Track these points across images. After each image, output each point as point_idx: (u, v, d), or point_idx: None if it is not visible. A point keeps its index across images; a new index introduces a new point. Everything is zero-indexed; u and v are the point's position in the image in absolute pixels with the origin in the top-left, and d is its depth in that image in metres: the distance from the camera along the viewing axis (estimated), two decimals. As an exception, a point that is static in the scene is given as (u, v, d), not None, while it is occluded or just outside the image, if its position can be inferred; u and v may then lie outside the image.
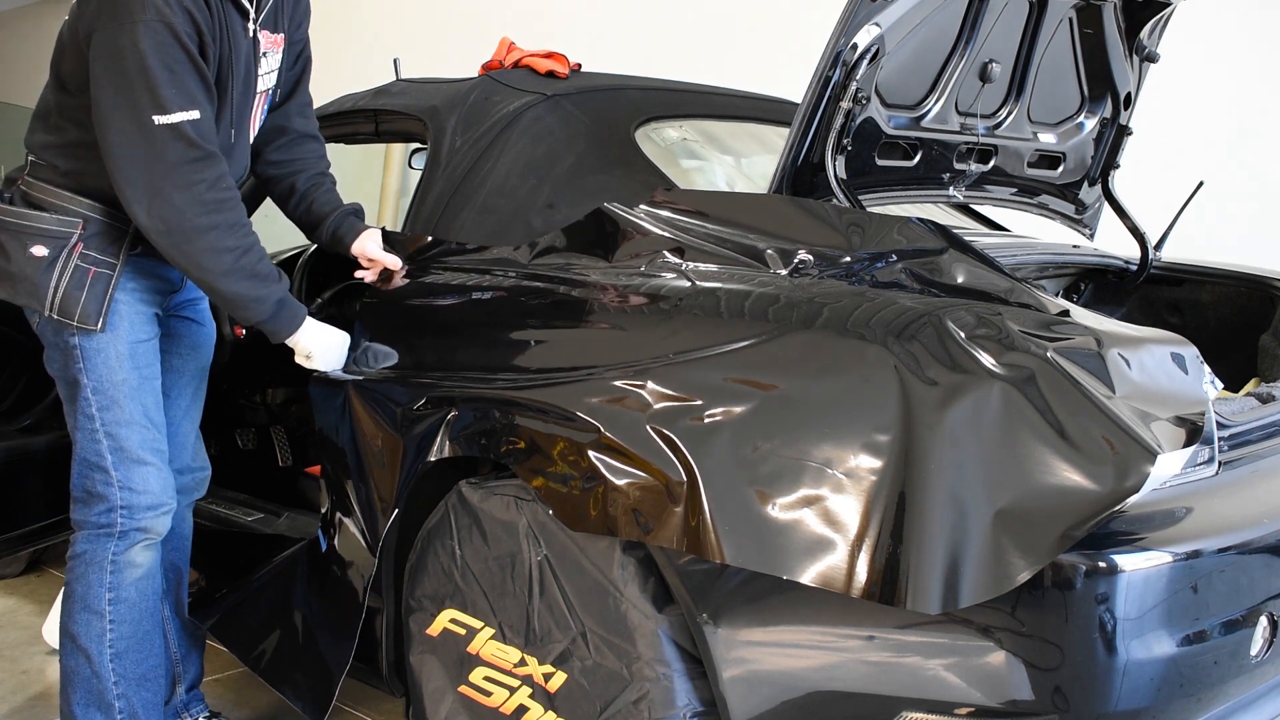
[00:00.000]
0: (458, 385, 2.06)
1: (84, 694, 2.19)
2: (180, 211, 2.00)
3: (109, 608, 2.18)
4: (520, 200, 2.28)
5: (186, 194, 1.99)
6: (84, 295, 2.10)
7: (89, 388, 2.13)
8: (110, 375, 2.14)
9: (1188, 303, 2.79)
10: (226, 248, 2.05)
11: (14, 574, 3.54)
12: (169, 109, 1.95)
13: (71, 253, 2.10)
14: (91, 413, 2.14)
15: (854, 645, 1.67)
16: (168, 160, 1.97)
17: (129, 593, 2.20)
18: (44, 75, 2.18)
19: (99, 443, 2.14)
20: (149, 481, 2.18)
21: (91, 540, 2.18)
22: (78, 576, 2.19)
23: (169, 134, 1.96)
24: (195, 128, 1.98)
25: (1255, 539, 1.69)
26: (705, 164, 2.66)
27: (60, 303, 2.10)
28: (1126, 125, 2.73)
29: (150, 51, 1.92)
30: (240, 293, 2.09)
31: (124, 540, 2.17)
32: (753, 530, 1.61)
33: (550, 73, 2.53)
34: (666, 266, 1.96)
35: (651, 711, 1.81)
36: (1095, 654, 1.52)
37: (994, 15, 2.30)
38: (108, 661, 2.19)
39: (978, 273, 1.83)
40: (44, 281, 2.09)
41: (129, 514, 2.16)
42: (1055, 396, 1.55)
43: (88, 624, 2.18)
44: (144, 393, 2.18)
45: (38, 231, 2.11)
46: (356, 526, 2.21)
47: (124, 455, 2.15)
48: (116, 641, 2.20)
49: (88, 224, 2.11)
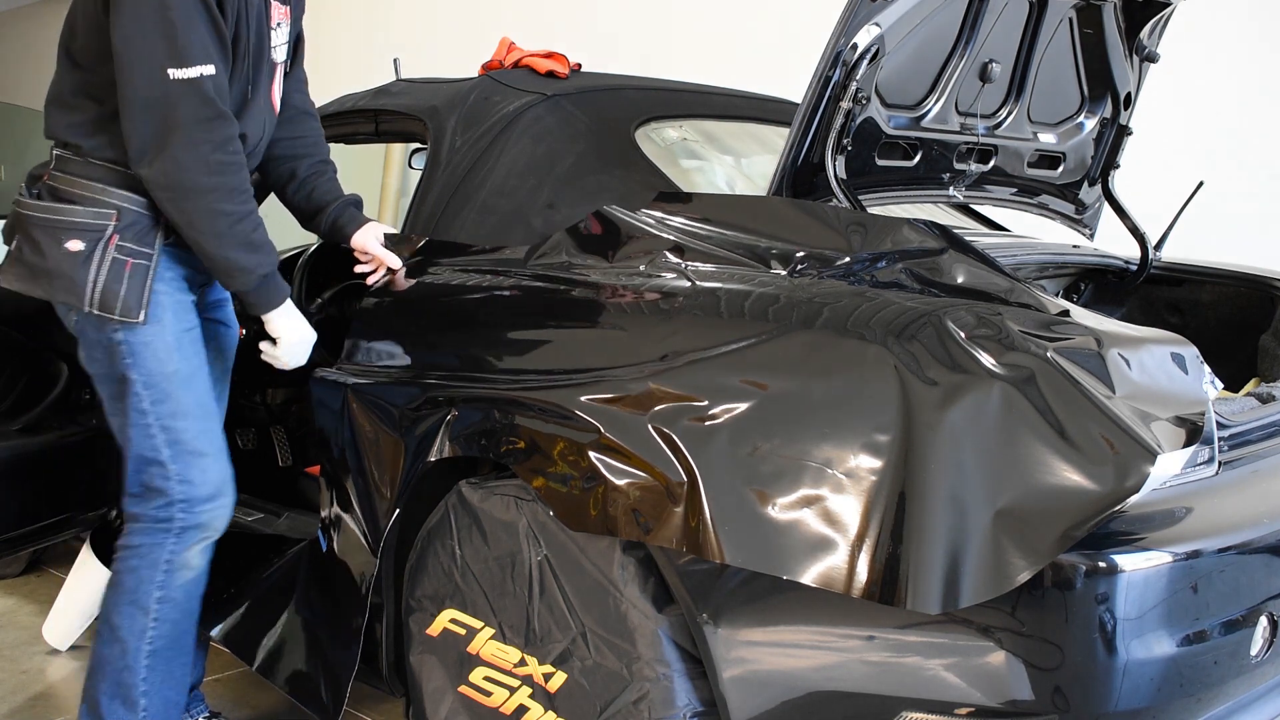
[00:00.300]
0: (458, 385, 2.06)
1: (112, 685, 2.17)
2: (183, 168, 1.98)
3: (155, 606, 2.16)
4: (520, 200, 2.28)
5: (192, 152, 1.97)
6: (123, 288, 2.06)
7: (139, 382, 2.10)
8: (160, 368, 2.11)
9: (1188, 303, 2.79)
10: (223, 211, 2.02)
11: (14, 574, 3.54)
12: (186, 63, 1.93)
13: (107, 245, 2.06)
14: (144, 407, 2.10)
15: (854, 645, 1.67)
16: (179, 115, 1.95)
17: (177, 594, 2.18)
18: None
19: (153, 437, 2.11)
20: (207, 473, 2.15)
21: (148, 534, 2.14)
22: (130, 569, 2.15)
23: (184, 88, 1.94)
24: (213, 83, 1.97)
25: (1255, 539, 1.69)
26: (705, 164, 2.66)
27: (100, 297, 2.06)
28: (1126, 125, 2.73)
29: (170, 5, 1.91)
30: (230, 258, 2.07)
31: (181, 540, 2.14)
32: (753, 530, 1.61)
33: (550, 73, 2.53)
34: (667, 266, 1.96)
35: (651, 711, 1.81)
36: (1095, 654, 1.52)
37: (994, 15, 2.30)
38: (143, 658, 2.17)
39: (978, 273, 1.83)
40: (81, 276, 2.05)
41: (187, 507, 2.13)
42: (1055, 396, 1.55)
43: (131, 618, 2.16)
44: (195, 382, 2.16)
45: (71, 225, 2.07)
46: (357, 527, 2.21)
47: (181, 448, 2.12)
48: (156, 639, 2.17)
49: (122, 215, 2.08)
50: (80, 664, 3.00)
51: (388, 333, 2.27)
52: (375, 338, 2.27)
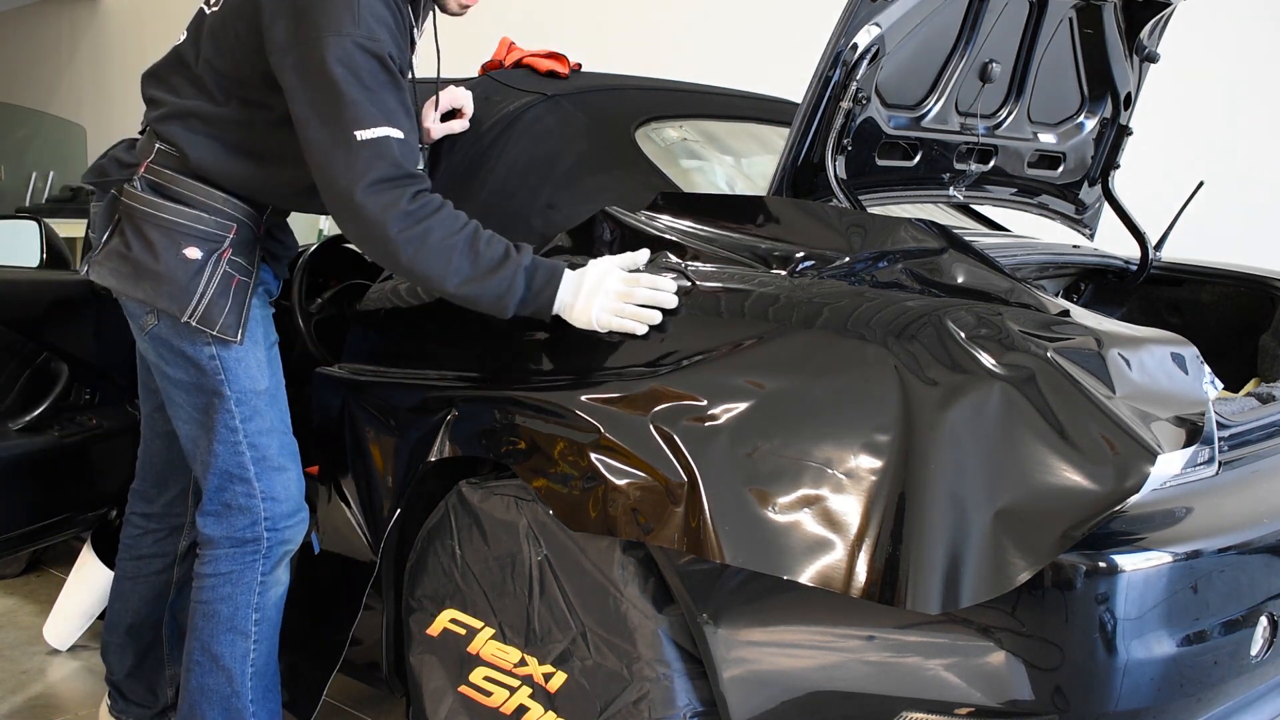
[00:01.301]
0: (458, 385, 2.06)
1: (222, 713, 2.12)
2: (378, 226, 1.85)
3: (254, 629, 2.13)
4: (520, 200, 2.28)
5: (384, 214, 1.84)
6: (228, 305, 2.01)
7: (232, 399, 2.05)
8: (254, 385, 2.07)
9: (1188, 303, 2.79)
10: (432, 251, 1.87)
11: (14, 574, 3.54)
12: (370, 124, 1.83)
13: (221, 258, 2.01)
14: (235, 424, 2.06)
15: (854, 645, 1.67)
16: (368, 177, 1.83)
17: (271, 612, 2.15)
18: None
19: (242, 454, 2.07)
20: (290, 488, 2.12)
21: (237, 559, 2.10)
22: (224, 597, 2.10)
23: (370, 150, 1.83)
24: (400, 146, 1.86)
25: (1255, 539, 1.69)
26: (705, 164, 2.66)
27: (205, 311, 1.99)
28: (1126, 125, 2.73)
29: (360, 65, 1.83)
30: (473, 297, 1.90)
31: (269, 558, 2.11)
32: (753, 530, 1.61)
33: (550, 73, 2.52)
34: (667, 267, 1.96)
35: (651, 711, 1.81)
36: (1095, 654, 1.52)
37: (994, 15, 2.30)
38: (248, 680, 2.13)
39: (978, 273, 1.83)
40: (192, 286, 1.98)
41: (272, 524, 2.10)
42: (1055, 396, 1.55)
43: (233, 644, 2.11)
44: (279, 398, 2.13)
45: (194, 232, 2.00)
46: (356, 526, 2.21)
47: (266, 464, 2.09)
48: (258, 660, 2.14)
49: (239, 229, 2.03)
50: (80, 664, 3.00)
51: (388, 333, 2.27)
52: (375, 338, 2.27)
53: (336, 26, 1.83)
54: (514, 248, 1.91)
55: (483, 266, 1.88)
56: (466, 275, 1.87)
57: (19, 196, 8.57)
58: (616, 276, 1.88)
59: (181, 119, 2.03)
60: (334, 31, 1.83)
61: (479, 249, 1.88)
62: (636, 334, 1.85)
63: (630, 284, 1.87)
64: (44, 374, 2.87)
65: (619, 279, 1.88)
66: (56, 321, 2.85)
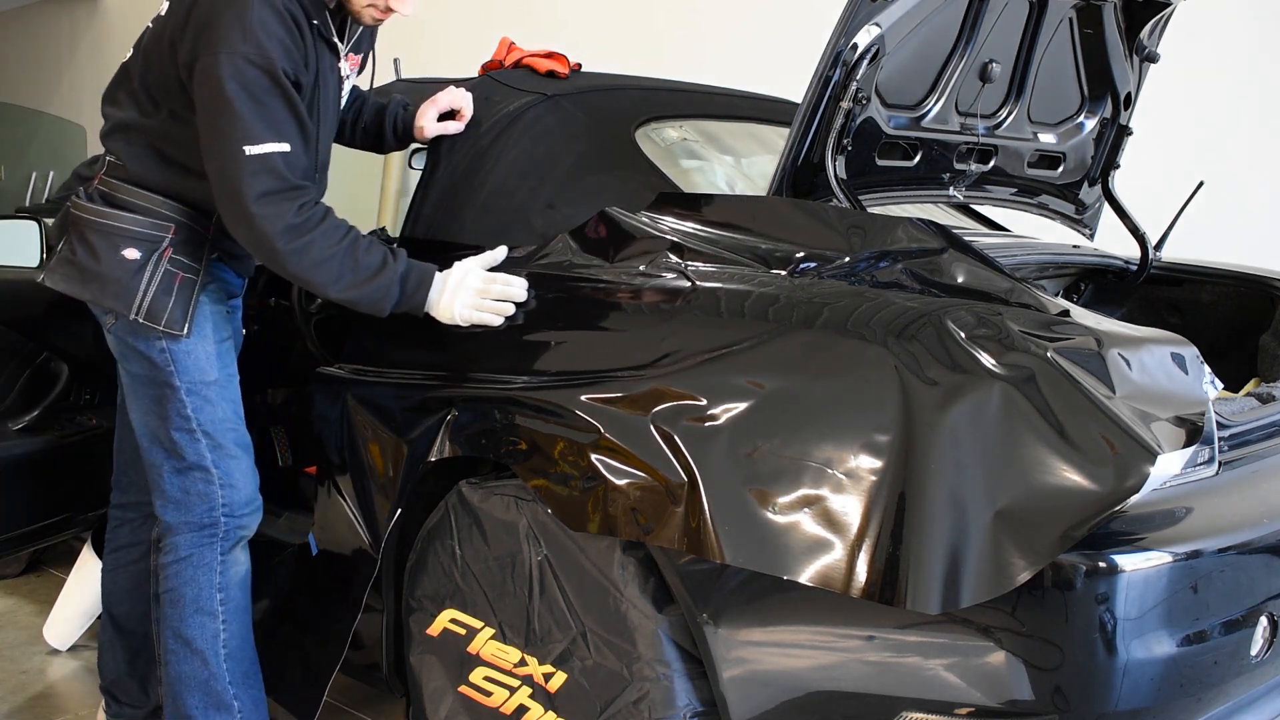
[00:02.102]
0: (458, 385, 2.06)
1: (202, 697, 2.20)
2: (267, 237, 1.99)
3: (221, 608, 2.20)
4: (520, 200, 2.28)
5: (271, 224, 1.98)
6: (171, 300, 2.11)
7: (183, 389, 2.14)
8: (203, 376, 2.16)
9: (1188, 303, 2.79)
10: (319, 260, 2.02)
11: (14, 574, 3.54)
12: (258, 139, 1.95)
13: (161, 257, 2.11)
14: (188, 414, 2.15)
15: (854, 645, 1.67)
16: (255, 188, 1.96)
17: (235, 591, 2.22)
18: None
19: (198, 441, 2.16)
20: (246, 476, 2.22)
21: (197, 543, 2.18)
22: (187, 580, 2.19)
23: (257, 164, 1.96)
24: (284, 159, 1.98)
25: (1255, 539, 1.69)
26: (705, 164, 2.66)
27: (149, 307, 2.10)
28: (1126, 125, 2.73)
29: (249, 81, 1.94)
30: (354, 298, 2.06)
31: (227, 540, 2.20)
32: (753, 530, 1.61)
33: (550, 73, 2.53)
34: (667, 267, 1.96)
35: (651, 711, 1.81)
36: (1095, 654, 1.52)
37: (994, 15, 2.30)
38: (222, 662, 2.20)
39: (978, 273, 1.83)
40: (134, 285, 2.09)
41: (230, 510, 2.19)
42: (1055, 396, 1.55)
43: (202, 626, 2.19)
44: (230, 390, 2.22)
45: (130, 234, 2.10)
46: (356, 527, 2.21)
47: (222, 452, 2.18)
48: (229, 641, 2.21)
49: (178, 229, 2.12)
50: (80, 664, 3.00)
51: (388, 333, 2.26)
52: (375, 338, 2.27)
53: (228, 44, 1.94)
54: (390, 254, 2.07)
55: (362, 274, 2.04)
56: (348, 282, 2.04)
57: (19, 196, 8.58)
58: (476, 275, 2.08)
59: (124, 132, 2.15)
60: (226, 48, 1.94)
61: (359, 257, 2.03)
62: (491, 325, 2.04)
63: (487, 282, 2.06)
64: (44, 374, 2.88)
65: (478, 277, 2.07)
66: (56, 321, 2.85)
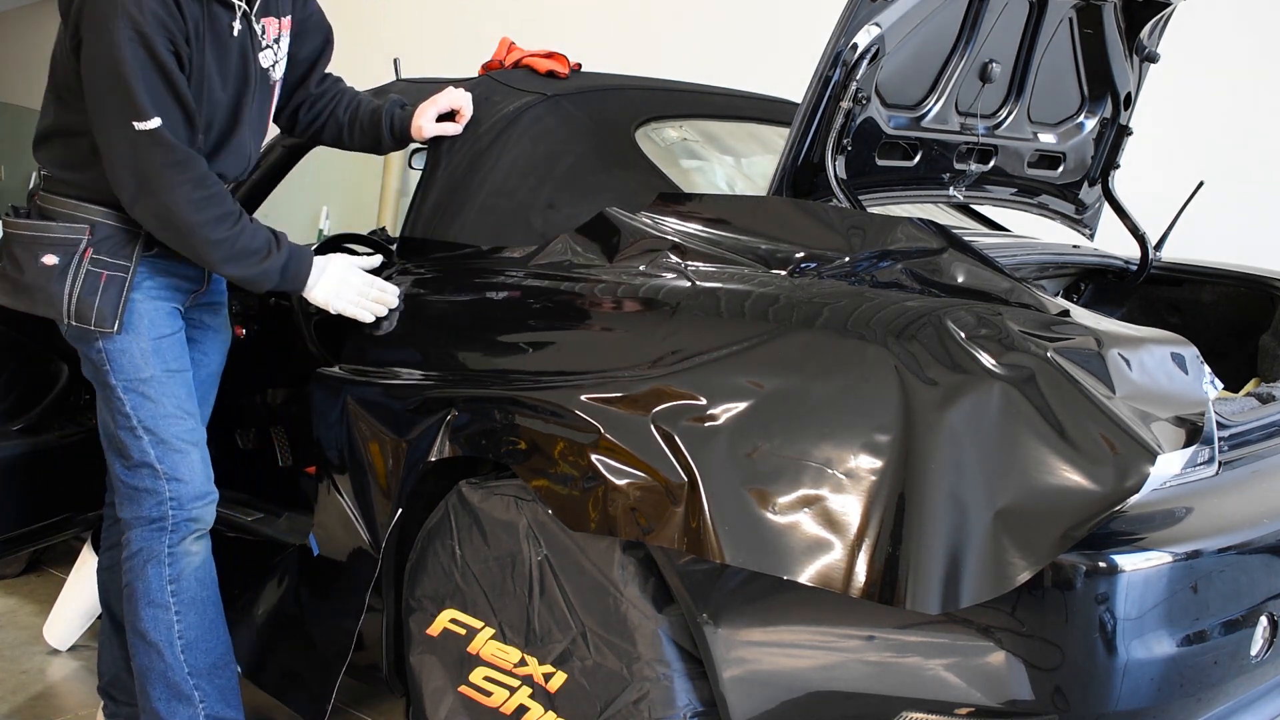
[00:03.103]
0: (458, 385, 2.06)
1: (163, 689, 2.22)
2: (169, 209, 2.05)
3: (172, 600, 2.21)
4: (520, 200, 2.28)
5: (174, 194, 2.04)
6: (98, 299, 2.13)
7: (119, 387, 2.17)
8: (137, 373, 2.17)
9: (1188, 303, 2.79)
10: (218, 239, 2.09)
11: (14, 574, 3.54)
12: (146, 114, 1.99)
13: (81, 259, 2.13)
14: (126, 411, 2.17)
15: (854, 645, 1.67)
16: (152, 163, 2.02)
17: (189, 583, 2.23)
18: (44, 75, 2.19)
19: (140, 438, 2.18)
20: (194, 469, 2.22)
21: (146, 537, 2.20)
22: (137, 574, 2.21)
23: (148, 138, 2.00)
24: (170, 131, 2.03)
25: (1255, 539, 1.69)
26: (705, 164, 2.66)
27: (76, 309, 2.13)
28: (1126, 125, 2.73)
29: (125, 59, 1.96)
30: (243, 275, 2.15)
31: (177, 533, 2.21)
32: (752, 530, 1.61)
33: (550, 73, 2.52)
34: (667, 267, 1.96)
35: (651, 711, 1.81)
36: (1095, 654, 1.52)
37: (994, 15, 2.30)
38: (179, 653, 2.21)
39: (978, 273, 1.83)
40: (57, 290, 2.12)
41: (178, 504, 2.19)
42: (1055, 396, 1.55)
43: (154, 619, 2.21)
44: (173, 384, 2.22)
45: (46, 241, 2.14)
46: (357, 527, 2.21)
47: (166, 447, 2.19)
48: (185, 633, 2.22)
49: (95, 229, 2.14)
50: (80, 664, 3.00)
51: (388, 333, 2.26)
52: (375, 338, 2.27)
53: (107, 27, 1.96)
54: (274, 238, 2.17)
55: (253, 256, 2.13)
56: (239, 261, 2.12)
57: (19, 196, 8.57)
58: (358, 275, 2.25)
59: (45, 139, 2.21)
60: (105, 31, 1.96)
61: (245, 241, 2.12)
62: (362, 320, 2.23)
63: (368, 284, 2.24)
64: (44, 374, 2.87)
65: (360, 279, 2.24)
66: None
